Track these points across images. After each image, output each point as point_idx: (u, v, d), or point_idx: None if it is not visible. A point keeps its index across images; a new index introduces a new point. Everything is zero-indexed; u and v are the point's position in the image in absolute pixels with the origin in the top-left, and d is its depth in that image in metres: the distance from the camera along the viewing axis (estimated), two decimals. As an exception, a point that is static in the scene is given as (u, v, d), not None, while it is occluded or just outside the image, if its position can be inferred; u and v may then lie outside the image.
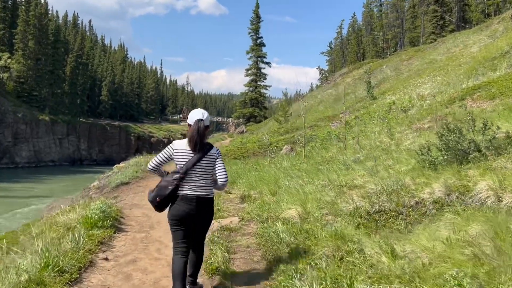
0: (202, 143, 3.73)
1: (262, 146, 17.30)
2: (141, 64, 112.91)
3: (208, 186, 3.79)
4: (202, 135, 3.72)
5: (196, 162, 3.69)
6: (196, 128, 3.72)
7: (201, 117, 3.78)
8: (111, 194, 9.28)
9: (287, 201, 5.75)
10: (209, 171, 3.80)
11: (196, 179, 3.71)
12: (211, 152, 3.79)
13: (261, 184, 7.57)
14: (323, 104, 39.84)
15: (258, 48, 58.60)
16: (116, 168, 12.95)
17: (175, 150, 3.79)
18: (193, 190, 3.69)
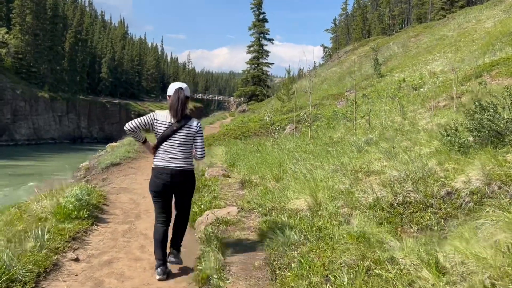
0: (182, 112, 3.74)
1: (264, 126, 16.45)
2: (142, 41, 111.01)
3: (186, 158, 3.77)
4: (183, 104, 3.74)
5: (174, 132, 3.70)
6: (176, 97, 3.72)
7: (182, 86, 3.84)
8: (100, 176, 8.54)
9: (294, 188, 4.95)
10: (188, 143, 3.79)
11: (173, 151, 3.72)
12: (191, 124, 3.79)
13: (263, 167, 6.77)
14: (327, 82, 38.78)
15: (261, 24, 57.00)
16: (109, 147, 12.17)
17: (156, 119, 3.79)
18: (168, 161, 3.71)
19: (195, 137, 3.81)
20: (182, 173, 3.72)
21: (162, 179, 3.70)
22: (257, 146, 9.90)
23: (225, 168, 8.33)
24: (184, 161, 3.74)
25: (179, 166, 3.70)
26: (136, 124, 3.75)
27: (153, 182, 3.80)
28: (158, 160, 3.76)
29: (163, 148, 3.73)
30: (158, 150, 3.78)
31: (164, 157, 3.72)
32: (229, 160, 9.03)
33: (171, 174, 3.68)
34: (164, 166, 3.69)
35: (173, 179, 3.68)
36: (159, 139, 3.73)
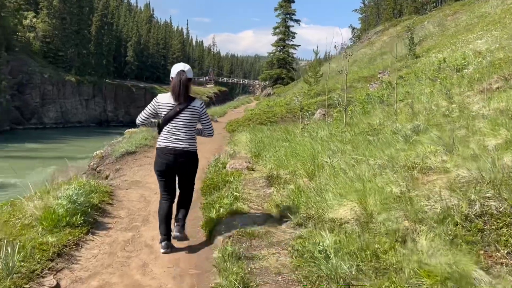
0: (185, 94, 3.76)
1: (292, 110, 15.43)
2: (167, 24, 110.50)
3: (189, 139, 3.82)
4: (185, 86, 3.75)
5: (177, 114, 3.75)
6: (178, 79, 3.74)
7: (183, 68, 3.84)
8: (113, 166, 7.81)
9: (333, 190, 3.99)
10: (191, 124, 3.84)
11: (176, 131, 3.77)
12: (194, 105, 3.83)
13: (293, 160, 5.82)
14: (357, 64, 37.13)
15: (287, 5, 55.20)
16: (127, 133, 11.48)
17: (158, 103, 3.87)
18: (171, 142, 3.77)
19: (200, 117, 3.90)
20: (185, 153, 3.80)
21: (166, 159, 3.78)
22: (284, 134, 8.93)
23: (250, 159, 7.43)
24: (187, 142, 3.81)
25: (182, 146, 3.78)
26: (145, 115, 3.93)
27: (158, 161, 3.87)
28: (162, 141, 3.83)
29: (167, 129, 3.80)
30: (162, 131, 3.84)
31: (168, 138, 3.80)
32: (253, 150, 8.11)
33: (175, 154, 3.76)
34: (168, 146, 3.77)
35: (177, 159, 3.77)
36: (163, 120, 3.81)
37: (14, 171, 13.78)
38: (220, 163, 6.58)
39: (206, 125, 4.00)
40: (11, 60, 56.27)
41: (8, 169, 31.14)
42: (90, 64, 69.15)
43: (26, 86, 58.92)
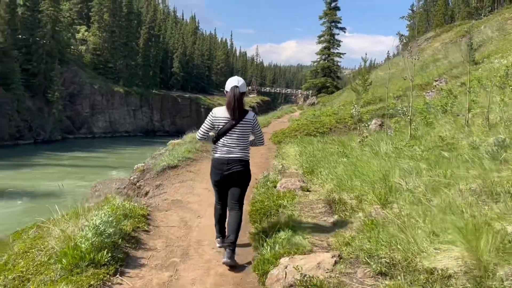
0: (239, 109, 3.93)
1: (342, 121, 14.46)
2: (212, 36, 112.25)
3: (243, 149, 3.98)
4: (239, 101, 3.94)
5: (231, 127, 3.93)
6: (232, 95, 3.93)
7: (237, 84, 4.01)
8: (153, 181, 7.25)
9: (421, 225, 3.11)
10: (245, 136, 4.02)
11: (231, 143, 3.94)
12: (248, 117, 4.01)
13: (357, 179, 4.94)
14: (406, 71, 35.31)
15: (332, 12, 54.05)
16: (170, 144, 11.00)
17: (214, 117, 4.02)
18: (226, 153, 3.94)
19: (253, 129, 4.07)
20: (239, 162, 3.93)
21: (221, 169, 3.94)
22: (339, 147, 8.03)
23: (302, 176, 6.61)
24: (242, 152, 3.97)
25: (237, 156, 3.93)
26: (204, 130, 4.07)
27: (213, 172, 4.06)
28: (217, 152, 4.00)
29: (222, 141, 3.96)
30: (217, 143, 3.99)
31: (222, 149, 3.96)
32: (305, 165, 7.28)
33: (228, 163, 3.91)
34: (224, 157, 3.94)
35: (231, 167, 3.90)
36: (219, 133, 3.96)
37: (59, 186, 13.71)
38: (269, 181, 5.81)
39: (258, 135, 4.21)
40: (64, 72, 58.77)
41: (56, 175, 32.09)
42: (138, 75, 71.06)
43: (77, 96, 61.29)
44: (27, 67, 53.55)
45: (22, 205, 22.61)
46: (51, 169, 36.02)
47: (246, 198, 4.54)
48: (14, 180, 30.12)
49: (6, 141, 48.20)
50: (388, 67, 7.61)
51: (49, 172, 34.29)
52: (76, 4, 70.99)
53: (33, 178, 31.25)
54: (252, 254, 3.66)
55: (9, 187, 27.27)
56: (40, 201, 21.63)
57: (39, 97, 54.88)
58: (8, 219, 18.29)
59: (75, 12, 70.41)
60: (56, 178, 31.84)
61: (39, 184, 28.52)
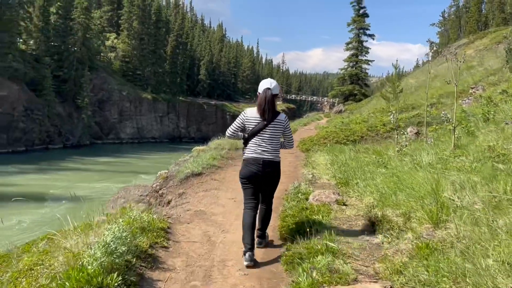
0: (270, 110, 3.96)
1: (374, 129, 13.82)
2: (238, 43, 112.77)
3: (274, 150, 4.04)
4: (270, 103, 3.96)
5: (262, 128, 3.99)
6: (264, 96, 3.98)
7: (269, 86, 4.03)
8: (176, 190, 6.87)
9: (490, 252, 2.56)
10: (276, 137, 4.06)
11: (263, 144, 3.99)
12: (279, 119, 4.06)
13: (401, 193, 4.40)
14: (438, 79, 34.16)
15: (361, 19, 53.25)
16: (195, 151, 10.67)
17: (246, 117, 4.09)
18: (258, 153, 3.98)
19: (284, 130, 4.12)
20: (271, 164, 3.99)
21: (253, 168, 3.97)
22: (375, 156, 7.45)
23: (335, 187, 6.09)
24: (273, 153, 4.02)
25: (268, 157, 3.97)
26: (234, 128, 4.13)
27: (244, 169, 4.05)
28: (249, 152, 4.04)
29: (254, 141, 4.02)
30: (249, 143, 4.05)
31: (255, 150, 4.00)
32: (338, 175, 6.75)
33: (262, 164, 3.94)
34: (255, 157, 3.97)
35: (263, 168, 3.94)
36: (250, 133, 4.03)
37: (71, 194, 13.58)
38: (300, 192, 5.31)
39: (288, 138, 4.25)
40: (93, 78, 59.97)
41: (85, 179, 32.49)
42: (165, 82, 71.87)
43: (106, 103, 62.39)
44: (58, 73, 54.91)
45: (65, 205, 22.77)
46: (80, 174, 36.51)
47: (274, 210, 4.47)
48: (50, 182, 30.69)
49: (36, 145, 49.37)
50: (428, 69, 6.95)
51: (78, 176, 34.74)
52: (106, 12, 72.64)
53: (66, 181, 31.74)
54: (285, 280, 3.17)
55: (49, 190, 27.74)
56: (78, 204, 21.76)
57: (68, 103, 56.11)
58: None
59: (105, 19, 72.01)
60: (86, 181, 32.29)
61: (72, 187, 28.86)
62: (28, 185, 29.55)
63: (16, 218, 19.97)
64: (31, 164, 39.53)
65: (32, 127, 49.54)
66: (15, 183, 30.12)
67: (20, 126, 48.53)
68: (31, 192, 26.55)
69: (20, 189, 28.21)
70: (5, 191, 25.91)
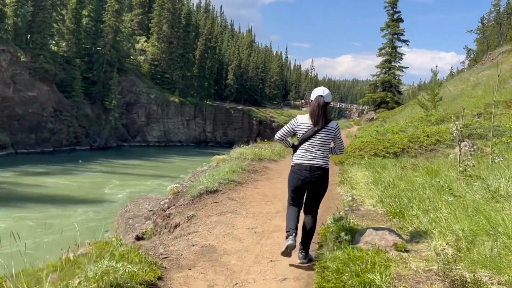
0: (322, 117, 4.02)
1: (415, 140, 12.29)
2: (267, 49, 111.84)
3: (323, 156, 4.05)
4: (322, 110, 4.02)
5: (313, 134, 4.04)
6: (316, 104, 4.06)
7: (321, 93, 4.11)
8: (186, 210, 5.67)
9: None
10: (326, 143, 4.09)
11: (313, 150, 4.03)
12: (330, 126, 4.12)
13: (490, 239, 3.04)
14: (479, 87, 32.02)
15: (395, 24, 51.11)
16: (214, 160, 9.50)
17: (297, 123, 4.16)
18: (308, 159, 4.01)
19: (335, 137, 4.13)
20: (319, 169, 3.98)
21: (301, 175, 3.98)
22: (431, 177, 6.04)
23: (384, 216, 4.74)
24: (322, 160, 4.03)
25: (317, 163, 3.98)
26: (283, 132, 4.20)
27: (292, 178, 4.07)
28: (298, 158, 4.07)
29: (304, 147, 4.06)
30: (299, 149, 4.08)
31: (304, 155, 4.03)
32: (386, 200, 5.39)
33: (310, 170, 3.95)
34: (304, 163, 3.99)
35: (311, 174, 3.94)
36: (301, 139, 4.09)
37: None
38: (342, 229, 3.96)
39: (339, 144, 4.24)
40: (122, 81, 60.20)
41: (109, 182, 31.98)
42: (193, 86, 71.58)
43: (133, 105, 62.49)
44: (88, 75, 55.34)
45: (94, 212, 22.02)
46: (104, 176, 36.15)
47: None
48: (73, 184, 30.35)
49: (64, 146, 49.69)
50: (498, 67, 5.59)
51: (101, 179, 34.33)
52: (137, 15, 73.17)
53: (89, 183, 31.35)
54: None
55: (66, 193, 27.32)
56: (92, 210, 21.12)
57: (97, 104, 56.42)
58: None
59: (135, 23, 72.54)
60: (108, 184, 31.83)
61: (93, 191, 28.33)
62: (47, 187, 29.23)
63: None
64: (57, 164, 39.56)
65: (60, 128, 49.93)
66: (39, 183, 29.89)
67: (49, 126, 48.97)
68: (45, 194, 26.13)
69: (41, 190, 27.87)
70: (22, 192, 25.64)
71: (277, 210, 5.43)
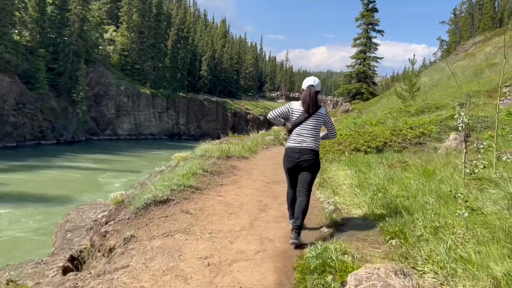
0: (313, 105, 4.42)
1: (398, 133, 11.33)
2: (241, 40, 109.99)
3: (314, 140, 4.43)
4: (313, 98, 4.42)
5: (304, 120, 4.42)
6: (308, 93, 4.43)
7: (312, 83, 4.49)
8: (125, 229, 4.38)
9: None
10: (317, 128, 4.48)
11: (304, 134, 4.41)
12: (320, 112, 4.49)
13: None
14: (456, 77, 31.64)
15: (370, 14, 50.45)
16: (175, 158, 8.21)
17: (291, 109, 4.51)
18: (298, 142, 4.41)
19: (325, 122, 4.54)
20: (310, 151, 4.37)
21: (293, 157, 4.39)
22: (427, 179, 4.99)
23: (379, 235, 3.65)
24: (312, 143, 4.41)
25: (307, 146, 4.38)
26: (277, 113, 4.50)
27: (286, 160, 4.48)
28: (291, 142, 4.47)
29: (296, 132, 4.44)
30: (292, 133, 4.47)
31: (296, 139, 4.42)
32: (379, 211, 4.30)
33: (300, 152, 4.36)
34: (296, 146, 4.40)
35: (302, 155, 4.34)
36: (293, 124, 4.45)
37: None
38: (330, 268, 2.80)
39: (330, 129, 4.69)
40: (90, 72, 57.57)
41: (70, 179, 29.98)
42: (165, 77, 69.36)
43: (102, 97, 60.00)
44: (53, 66, 52.59)
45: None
46: (67, 172, 34.15)
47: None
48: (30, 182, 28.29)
49: (28, 141, 47.09)
50: (506, 52, 4.72)
51: (64, 175, 32.35)
52: (105, 4, 70.18)
53: (52, 180, 29.36)
54: None
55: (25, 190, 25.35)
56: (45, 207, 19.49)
57: (63, 97, 53.77)
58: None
59: (104, 11, 69.58)
60: (69, 182, 29.96)
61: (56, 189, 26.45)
62: (7, 184, 27.17)
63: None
64: (19, 160, 37.23)
65: (23, 121, 47.26)
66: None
67: (11, 120, 46.25)
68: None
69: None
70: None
71: (242, 226, 4.25)
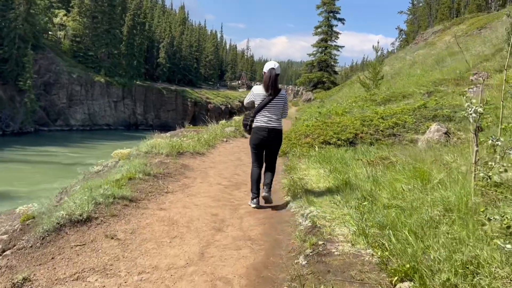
0: (274, 87, 5.07)
1: (369, 123, 10.42)
2: (201, 27, 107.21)
3: (277, 120, 5.14)
4: (274, 81, 5.07)
5: (268, 102, 5.08)
6: (269, 76, 5.05)
7: (273, 66, 5.14)
8: (23, 262, 3.08)
9: None
10: (279, 108, 5.15)
11: (269, 114, 5.09)
12: (282, 93, 5.19)
13: None
14: (417, 66, 31.62)
15: (331, 2, 49.98)
16: (115, 155, 6.82)
17: (254, 94, 5.21)
18: (265, 122, 5.08)
19: (284, 103, 5.21)
20: (275, 131, 5.10)
21: (261, 135, 5.06)
22: (415, 178, 3.99)
23: (378, 275, 2.58)
24: (277, 122, 5.12)
25: (273, 125, 5.08)
26: (250, 99, 5.27)
27: (254, 137, 5.15)
28: (257, 121, 5.12)
29: (262, 113, 5.08)
30: (258, 114, 5.11)
31: (262, 119, 5.07)
32: (372, 230, 3.23)
33: (267, 131, 5.04)
34: (263, 125, 5.06)
35: (269, 134, 5.04)
36: (258, 107, 5.10)
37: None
38: None
39: (284, 109, 5.26)
40: (39, 58, 53.76)
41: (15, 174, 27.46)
42: (121, 65, 66.10)
43: (53, 86, 56.26)
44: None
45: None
46: (13, 166, 31.44)
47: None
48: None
49: (-32, 132, 43.35)
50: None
51: (10, 170, 29.72)
52: (54, -14, 65.76)
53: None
54: None
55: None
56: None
57: (10, 85, 49.84)
58: None
59: (53, -6, 65.16)
60: (14, 177, 27.48)
61: None
62: None
63: None
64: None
65: (-37, 111, 43.43)
66: None
67: None
68: None
69: None
70: None
71: (188, 258, 3.03)
